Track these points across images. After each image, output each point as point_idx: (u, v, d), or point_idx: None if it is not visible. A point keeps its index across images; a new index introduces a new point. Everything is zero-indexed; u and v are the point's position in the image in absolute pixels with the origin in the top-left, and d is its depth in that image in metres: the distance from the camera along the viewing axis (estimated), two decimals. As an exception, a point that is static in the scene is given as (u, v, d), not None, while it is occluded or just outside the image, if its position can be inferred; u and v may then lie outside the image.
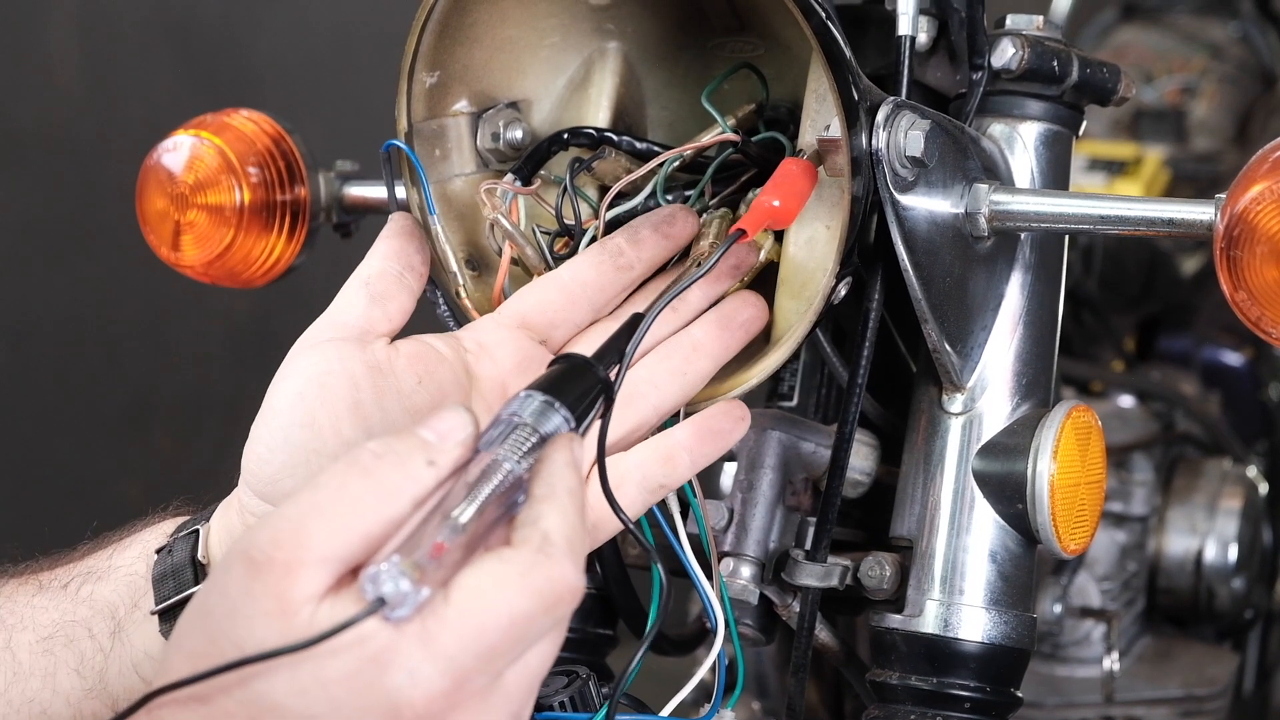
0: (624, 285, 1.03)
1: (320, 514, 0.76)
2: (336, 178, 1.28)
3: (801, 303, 1.02)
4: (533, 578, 0.76)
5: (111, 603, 0.98)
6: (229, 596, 0.75)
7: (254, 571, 0.75)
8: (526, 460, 0.81)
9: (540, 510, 0.79)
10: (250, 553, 0.75)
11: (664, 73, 1.14)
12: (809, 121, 1.03)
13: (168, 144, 1.23)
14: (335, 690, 0.74)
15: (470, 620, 0.75)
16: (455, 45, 1.07)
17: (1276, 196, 0.94)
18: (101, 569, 0.99)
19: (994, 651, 1.04)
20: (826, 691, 1.56)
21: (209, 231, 1.22)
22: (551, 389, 0.84)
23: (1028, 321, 1.07)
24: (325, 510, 0.76)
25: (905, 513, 1.07)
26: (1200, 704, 1.61)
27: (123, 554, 1.00)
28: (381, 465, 0.78)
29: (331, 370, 0.94)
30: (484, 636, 0.75)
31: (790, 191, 0.99)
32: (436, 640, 0.74)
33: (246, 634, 0.74)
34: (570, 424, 0.84)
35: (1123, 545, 1.64)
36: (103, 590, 0.98)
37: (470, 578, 0.76)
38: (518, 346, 1.00)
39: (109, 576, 0.99)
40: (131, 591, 0.98)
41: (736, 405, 0.99)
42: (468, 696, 0.75)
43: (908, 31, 1.05)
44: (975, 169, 1.04)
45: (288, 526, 0.76)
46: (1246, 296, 0.95)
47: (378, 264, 1.00)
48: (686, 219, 1.04)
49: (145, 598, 0.97)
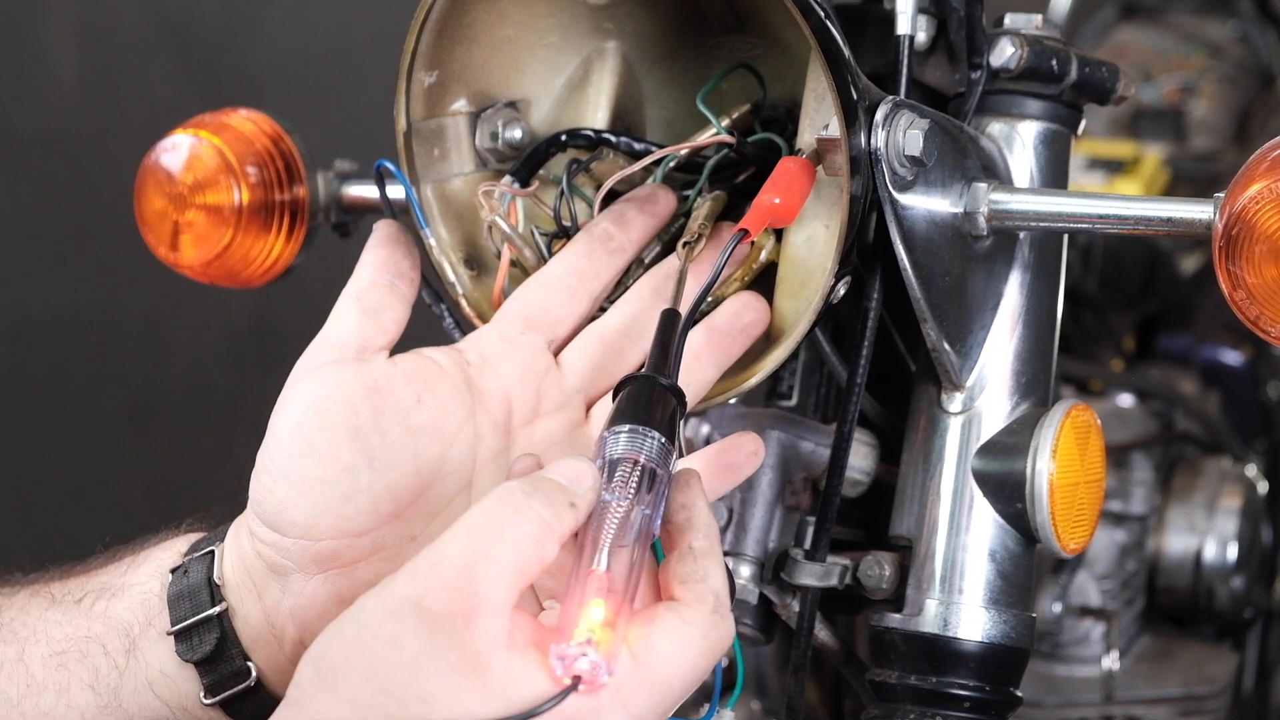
0: (618, 269, 1.04)
1: (486, 559, 0.78)
2: (335, 177, 1.28)
3: (801, 302, 1.02)
4: (712, 639, 0.82)
5: (126, 620, 0.98)
6: (406, 649, 0.76)
7: (432, 623, 0.76)
8: (643, 497, 0.84)
9: (707, 568, 0.84)
10: (424, 603, 0.77)
11: (662, 72, 1.14)
12: (808, 121, 1.03)
13: (166, 144, 1.23)
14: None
15: (662, 683, 0.80)
16: (454, 45, 1.07)
17: (1275, 195, 0.94)
18: (115, 585, 0.99)
19: (993, 651, 1.04)
20: (826, 691, 1.56)
21: (207, 231, 1.21)
22: (631, 416, 0.86)
23: (1027, 320, 1.07)
24: (490, 554, 0.78)
25: (904, 512, 1.07)
26: (1200, 703, 1.60)
27: (136, 571, 1.00)
28: (533, 505, 0.80)
29: (329, 396, 0.94)
30: (671, 694, 0.80)
31: (790, 189, 0.99)
32: (631, 699, 0.79)
33: (437, 688, 0.76)
34: (662, 442, 0.86)
35: (1122, 544, 1.63)
36: (117, 607, 0.98)
37: (659, 639, 0.81)
38: (521, 358, 1.00)
39: (123, 594, 0.99)
40: (146, 610, 0.98)
41: (750, 439, 0.99)
42: None
43: (906, 31, 1.05)
44: (974, 168, 1.04)
45: (457, 574, 0.77)
46: (1245, 295, 0.95)
47: (367, 276, 1.01)
48: (668, 196, 1.05)
49: (160, 617, 0.97)
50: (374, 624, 0.78)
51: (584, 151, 1.08)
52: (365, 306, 0.99)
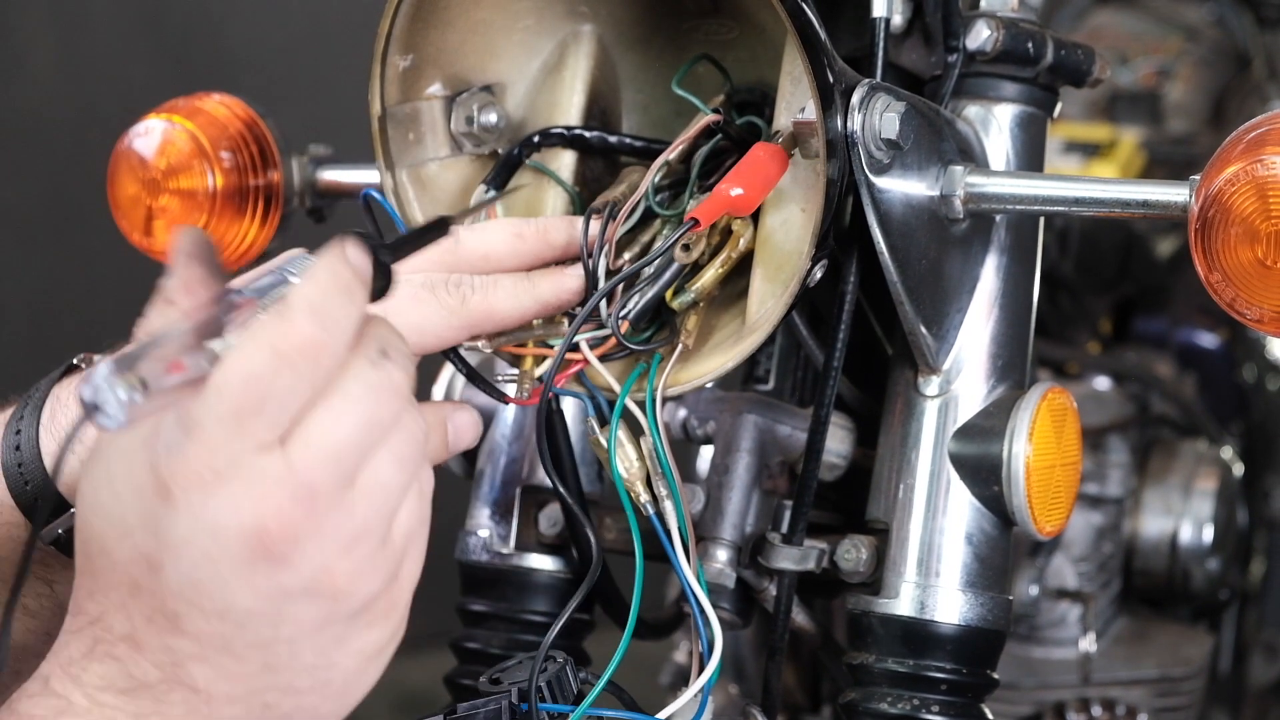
0: (523, 263, 1.01)
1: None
2: (310, 162, 1.28)
3: (777, 285, 1.02)
4: (264, 333, 0.76)
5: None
6: None
7: None
8: (273, 292, 0.81)
9: (292, 288, 0.79)
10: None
11: (638, 56, 1.13)
12: (783, 104, 1.03)
13: (139, 129, 1.22)
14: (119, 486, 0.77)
15: (212, 384, 0.75)
16: (428, 28, 1.06)
17: (1251, 178, 0.94)
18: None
19: (970, 633, 1.04)
20: (803, 675, 1.56)
21: (181, 217, 1.21)
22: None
23: (1003, 304, 1.07)
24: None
25: (881, 495, 1.07)
26: (1176, 684, 1.61)
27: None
28: (139, 327, 0.80)
29: None
30: (219, 397, 0.75)
31: (755, 180, 0.98)
32: (181, 407, 0.75)
33: None
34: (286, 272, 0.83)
35: (1098, 527, 1.64)
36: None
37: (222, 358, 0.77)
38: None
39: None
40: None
41: (468, 415, 0.97)
42: (229, 461, 0.75)
43: (882, 13, 1.05)
44: (950, 151, 1.04)
45: None
46: (1221, 278, 0.96)
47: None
48: (572, 232, 1.03)
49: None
50: None
51: (560, 148, 1.08)
52: None
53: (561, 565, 1.15)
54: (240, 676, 0.78)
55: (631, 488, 1.03)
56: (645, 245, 1.04)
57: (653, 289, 1.01)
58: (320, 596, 0.78)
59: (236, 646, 0.78)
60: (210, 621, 0.77)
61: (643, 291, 1.01)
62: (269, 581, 0.76)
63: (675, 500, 1.03)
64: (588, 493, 1.13)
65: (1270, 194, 0.94)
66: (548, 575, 1.15)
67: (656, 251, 0.99)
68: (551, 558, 1.15)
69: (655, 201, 1.04)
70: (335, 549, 0.77)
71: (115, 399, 0.74)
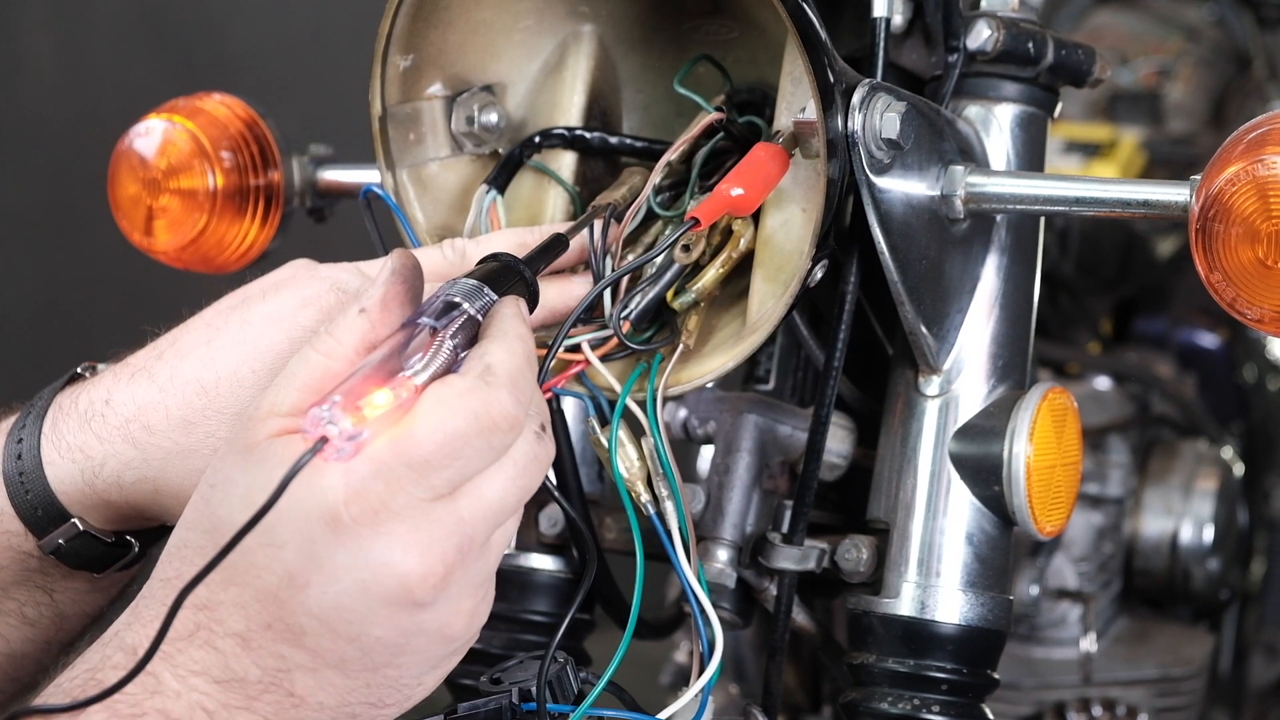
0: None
1: (277, 382, 0.83)
2: (310, 162, 1.28)
3: (778, 286, 1.02)
4: (470, 400, 0.81)
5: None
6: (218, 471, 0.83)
7: (231, 443, 0.83)
8: (455, 325, 0.85)
9: (487, 347, 0.84)
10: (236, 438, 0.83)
11: (639, 56, 1.13)
12: (784, 104, 1.03)
13: (140, 128, 1.22)
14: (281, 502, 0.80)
15: (404, 430, 0.80)
16: (429, 28, 1.06)
17: (1251, 178, 0.94)
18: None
19: (970, 633, 1.04)
20: (804, 674, 1.56)
21: (182, 216, 1.21)
22: (480, 276, 0.89)
23: (1004, 304, 1.07)
24: (280, 378, 0.83)
25: (882, 495, 1.07)
26: (1176, 684, 1.61)
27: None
28: (325, 329, 0.84)
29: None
30: (416, 447, 0.80)
31: (755, 180, 0.98)
32: (371, 446, 0.79)
33: (215, 472, 0.83)
34: (476, 285, 0.88)
35: (1099, 527, 1.64)
36: None
37: (419, 405, 0.81)
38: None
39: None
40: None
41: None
42: (405, 505, 0.80)
43: (883, 13, 1.05)
44: (951, 151, 1.04)
45: (256, 408, 0.83)
46: (1221, 278, 0.96)
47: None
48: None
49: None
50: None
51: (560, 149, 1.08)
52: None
53: (562, 565, 1.15)
54: (341, 690, 0.82)
55: (632, 488, 1.03)
56: (648, 246, 1.04)
57: (654, 289, 1.01)
58: (444, 636, 0.83)
59: (351, 667, 0.82)
60: (337, 643, 0.81)
61: (644, 291, 1.01)
62: (410, 620, 0.81)
63: (676, 500, 1.03)
64: (588, 493, 1.13)
65: (1271, 194, 0.94)
66: (548, 575, 1.15)
67: (658, 249, 0.99)
68: (552, 558, 1.15)
69: (656, 202, 1.04)
70: (468, 595, 0.83)
71: (341, 432, 0.79)
